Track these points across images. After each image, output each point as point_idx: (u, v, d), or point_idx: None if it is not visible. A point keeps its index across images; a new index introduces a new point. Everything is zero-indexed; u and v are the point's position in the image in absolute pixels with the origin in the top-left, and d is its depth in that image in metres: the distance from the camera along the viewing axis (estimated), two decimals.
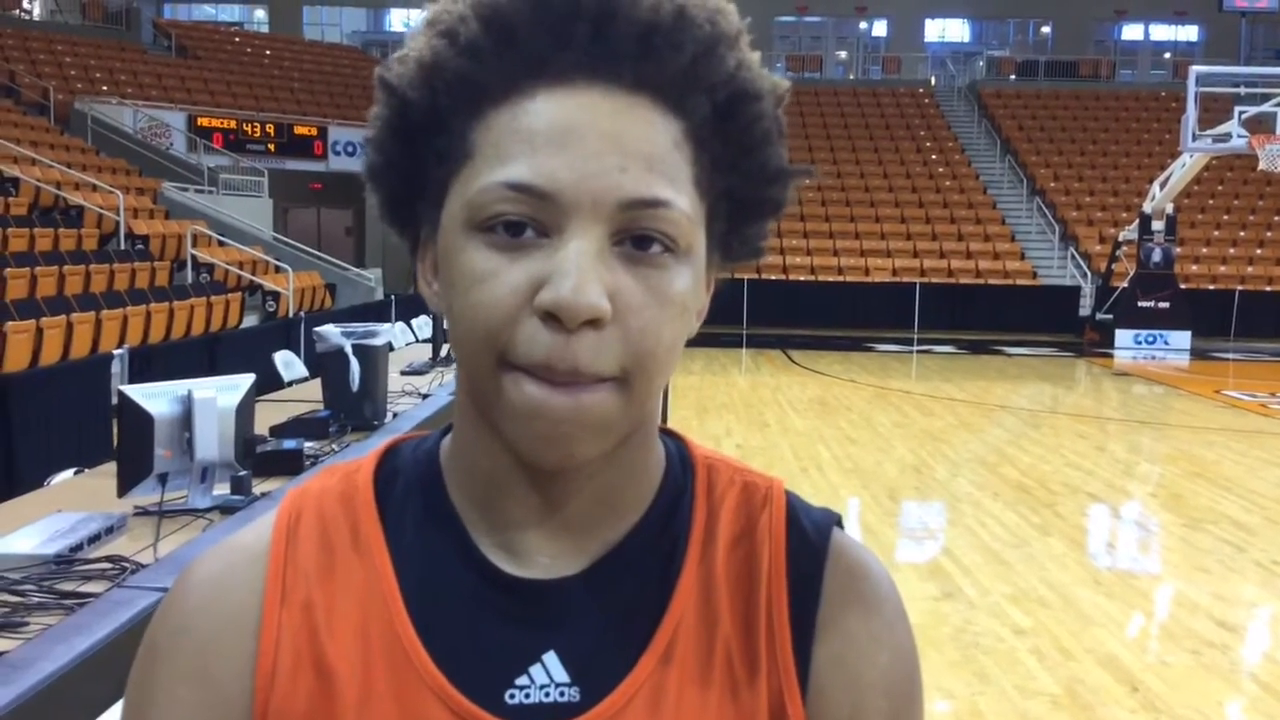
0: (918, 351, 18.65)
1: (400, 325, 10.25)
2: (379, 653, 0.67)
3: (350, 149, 24.84)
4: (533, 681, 0.67)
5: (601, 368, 0.61)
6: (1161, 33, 35.87)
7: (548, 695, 0.66)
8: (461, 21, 0.63)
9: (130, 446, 3.14)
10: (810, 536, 0.72)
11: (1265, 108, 17.98)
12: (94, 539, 2.80)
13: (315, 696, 0.67)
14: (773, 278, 21.74)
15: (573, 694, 0.67)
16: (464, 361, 0.65)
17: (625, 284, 0.62)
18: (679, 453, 0.75)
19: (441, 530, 0.70)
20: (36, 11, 26.72)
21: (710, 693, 0.68)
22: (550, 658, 0.67)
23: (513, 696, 0.66)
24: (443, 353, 7.14)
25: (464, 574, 0.69)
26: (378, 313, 14.91)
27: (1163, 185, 19.20)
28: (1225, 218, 24.89)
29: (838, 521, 0.75)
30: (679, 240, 0.63)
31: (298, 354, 8.53)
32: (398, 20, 35.36)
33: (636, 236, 0.62)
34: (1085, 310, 21.38)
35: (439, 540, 0.70)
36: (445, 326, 0.67)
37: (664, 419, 0.74)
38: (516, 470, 0.67)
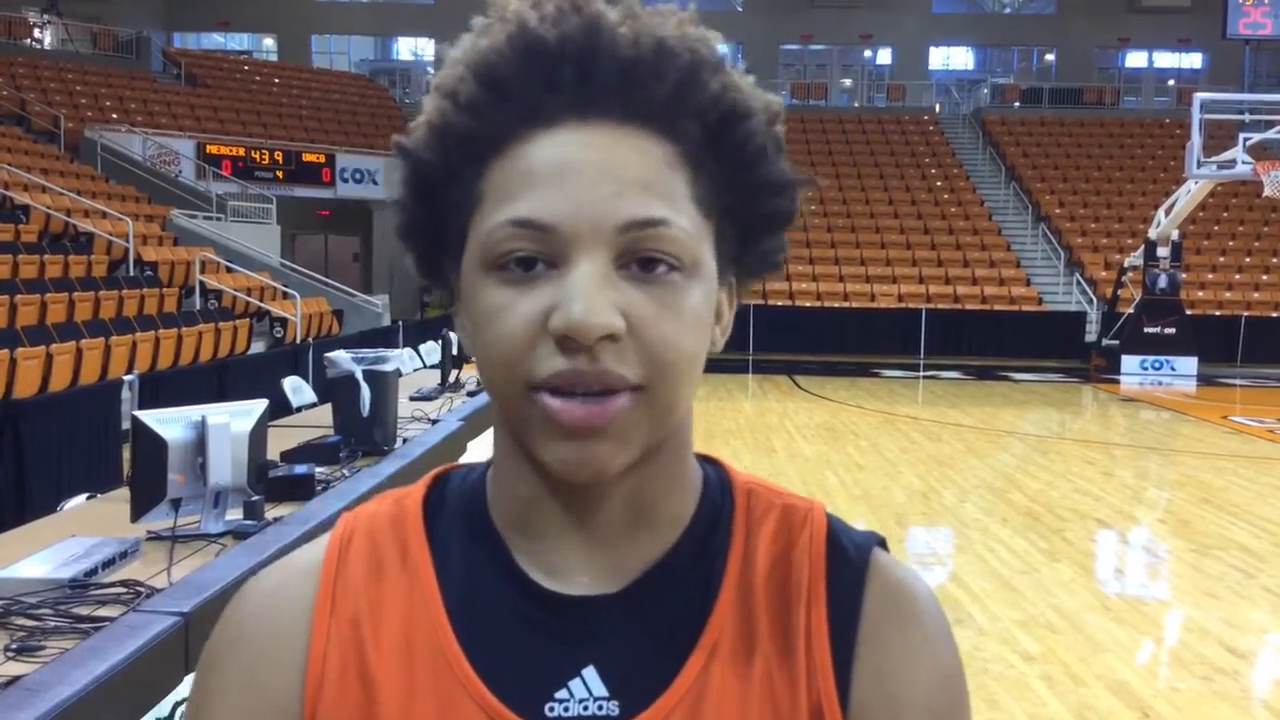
0: (924, 377, 18.65)
1: (408, 351, 10.28)
2: (423, 664, 0.70)
3: (358, 176, 24.96)
4: (572, 695, 0.69)
5: (625, 372, 0.64)
6: (1165, 60, 35.97)
7: (586, 709, 0.68)
8: (460, 81, 0.67)
9: (144, 471, 3.16)
10: (850, 556, 0.74)
11: (1270, 134, 18.03)
12: (108, 564, 2.82)
13: (360, 705, 0.70)
14: (779, 304, 21.77)
15: (611, 708, 0.68)
16: (494, 391, 0.68)
17: (636, 300, 0.64)
18: (718, 477, 0.77)
19: (485, 551, 0.73)
20: (47, 40, 26.92)
21: (749, 707, 0.69)
22: (590, 672, 0.69)
23: (552, 709, 0.68)
24: (452, 378, 7.17)
25: (506, 591, 0.71)
26: (385, 338, 14.96)
27: (1168, 211, 19.22)
28: (1230, 243, 24.91)
29: (880, 542, 0.76)
30: (683, 257, 0.66)
31: (306, 380, 8.55)
32: (405, 49, 35.60)
33: (642, 259, 0.65)
34: (1091, 336, 21.36)
35: (482, 560, 0.73)
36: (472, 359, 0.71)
37: None
38: (551, 490, 0.70)
